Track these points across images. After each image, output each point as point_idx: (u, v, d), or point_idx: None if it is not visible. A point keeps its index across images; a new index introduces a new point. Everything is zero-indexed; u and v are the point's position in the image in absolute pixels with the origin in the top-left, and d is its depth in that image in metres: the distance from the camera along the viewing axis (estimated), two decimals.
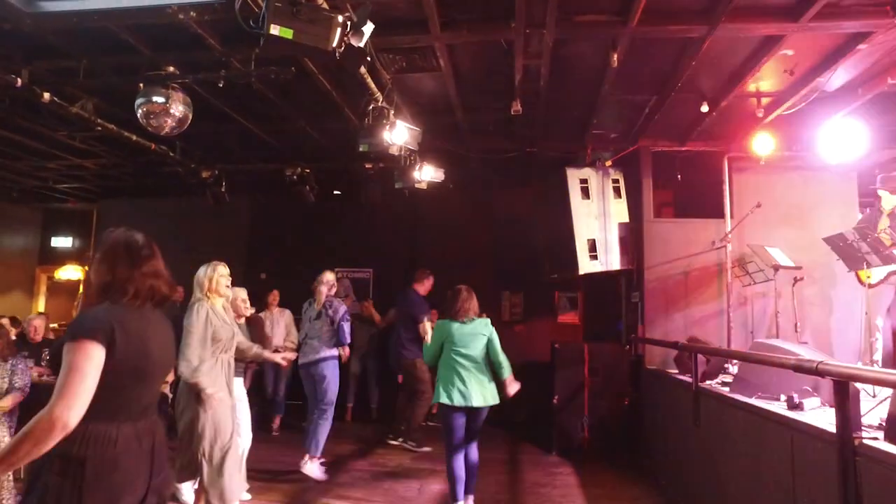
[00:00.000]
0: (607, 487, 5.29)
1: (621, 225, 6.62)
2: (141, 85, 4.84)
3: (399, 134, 4.91)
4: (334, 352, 5.51)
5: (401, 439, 6.59)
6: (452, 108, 5.93)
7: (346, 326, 5.60)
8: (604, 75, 5.04)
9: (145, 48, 4.67)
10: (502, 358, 4.53)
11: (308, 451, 5.26)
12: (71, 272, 11.12)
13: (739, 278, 6.16)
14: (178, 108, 4.83)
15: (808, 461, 3.02)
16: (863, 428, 2.76)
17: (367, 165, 6.67)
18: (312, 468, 5.24)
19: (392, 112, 5.13)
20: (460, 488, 4.31)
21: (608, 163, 6.64)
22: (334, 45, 3.13)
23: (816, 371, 2.79)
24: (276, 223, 9.43)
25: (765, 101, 5.55)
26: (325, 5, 3.25)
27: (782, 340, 4.81)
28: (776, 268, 5.82)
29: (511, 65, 4.93)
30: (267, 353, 4.43)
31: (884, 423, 2.79)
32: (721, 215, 6.42)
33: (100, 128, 5.63)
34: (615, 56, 4.51)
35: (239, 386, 4.37)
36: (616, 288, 8.03)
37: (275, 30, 2.99)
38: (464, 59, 5.06)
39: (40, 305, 10.76)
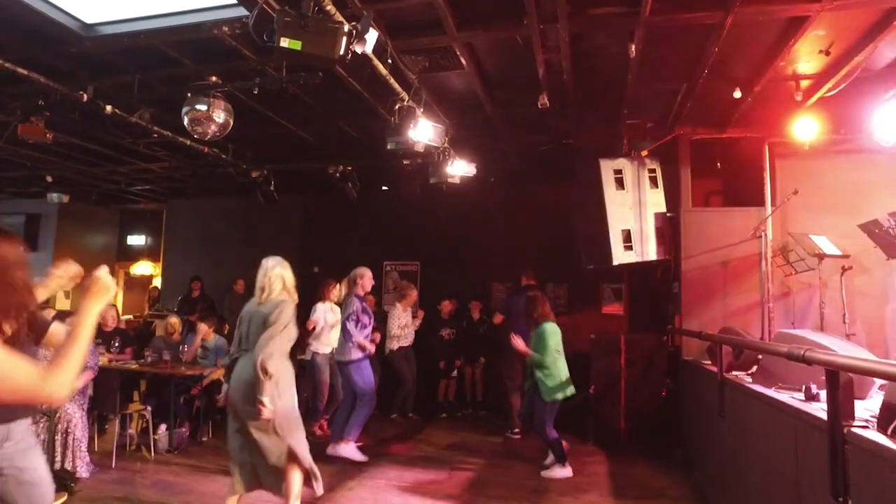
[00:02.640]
0: (636, 477, 5.32)
1: (658, 215, 6.55)
2: (188, 94, 5.27)
3: (423, 131, 5.10)
4: (358, 353, 5.65)
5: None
6: (482, 103, 6.05)
7: (350, 325, 5.63)
8: (628, 65, 5.02)
9: (189, 61, 5.07)
10: None
11: (344, 435, 5.55)
12: (144, 268, 12.03)
13: (781, 268, 5.98)
14: (219, 115, 5.21)
15: (809, 450, 3.00)
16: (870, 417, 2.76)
17: (405, 161, 6.90)
18: (348, 449, 5.54)
19: (420, 110, 5.32)
20: None
21: (644, 152, 6.56)
22: (340, 53, 3.35)
23: (804, 359, 2.77)
24: (326, 219, 9.85)
25: (803, 83, 5.35)
26: (337, 16, 3.48)
27: (812, 332, 4.68)
28: (820, 256, 5.60)
29: (532, 60, 5.01)
30: None
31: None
32: (760, 203, 6.23)
33: (156, 134, 6.13)
34: (633, 47, 4.51)
35: None
36: (659, 278, 7.93)
37: (284, 42, 3.24)
38: (486, 56, 5.17)
39: (118, 298, 11.71)
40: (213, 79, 5.23)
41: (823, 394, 3.51)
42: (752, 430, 3.92)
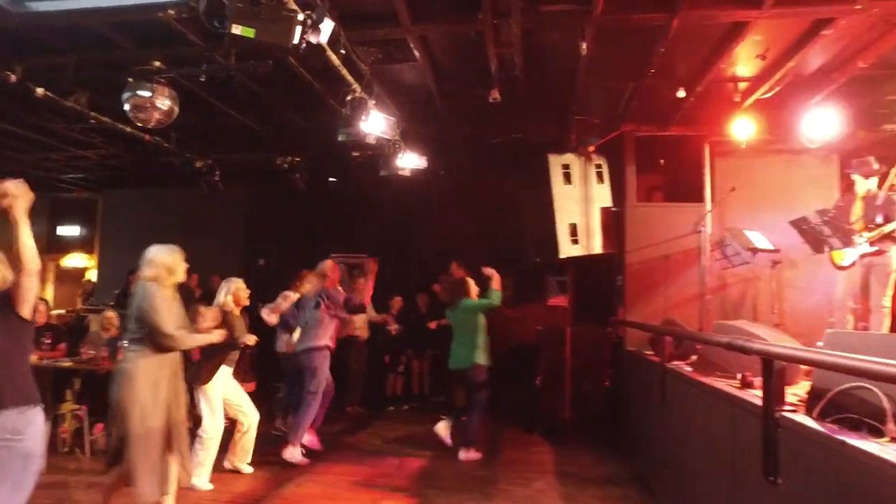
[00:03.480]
0: (581, 466, 5.48)
1: (603, 209, 6.74)
2: (129, 80, 5.05)
3: (375, 124, 5.06)
4: (322, 342, 5.60)
5: None
6: (433, 96, 6.05)
7: (321, 312, 5.62)
8: (578, 63, 5.13)
9: (130, 44, 4.86)
10: None
11: (289, 440, 5.45)
12: (77, 260, 11.45)
13: (718, 261, 6.26)
14: (163, 102, 5.02)
15: (745, 434, 3.17)
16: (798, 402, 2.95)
17: (355, 154, 6.83)
18: (294, 453, 5.44)
19: (372, 102, 5.27)
20: None
21: (591, 148, 6.73)
22: (295, 42, 3.28)
23: (743, 349, 2.93)
24: (272, 211, 9.64)
25: (741, 85, 5.62)
26: (290, 3, 3.41)
27: (747, 322, 4.93)
28: (754, 251, 5.91)
29: (485, 54, 5.05)
30: None
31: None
32: (700, 199, 6.51)
33: (93, 120, 5.85)
34: (584, 45, 4.62)
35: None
36: (603, 272, 8.16)
37: (237, 29, 3.15)
38: (439, 50, 5.18)
39: (48, 293, 11.10)
40: (157, 64, 5.02)
41: (756, 381, 3.74)
42: (692, 417, 4.11)
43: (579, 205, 6.65)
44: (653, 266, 6.56)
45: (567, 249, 6.53)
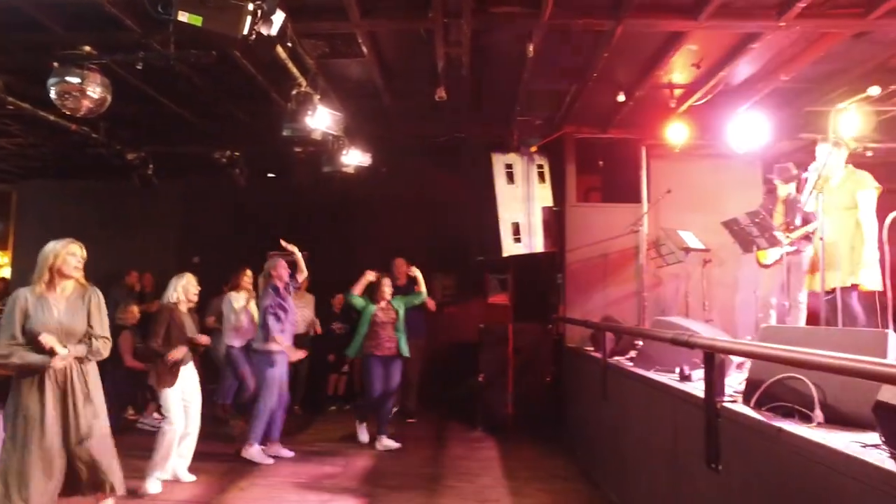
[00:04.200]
0: (526, 460, 5.59)
1: (545, 209, 6.90)
2: (55, 64, 4.73)
3: (321, 119, 4.98)
4: (276, 346, 5.44)
5: None
6: (379, 93, 6.01)
7: (270, 320, 5.41)
8: (524, 64, 5.21)
9: (57, 26, 4.57)
10: None
11: (249, 439, 5.31)
12: None
13: (654, 260, 6.54)
14: (95, 89, 4.71)
15: (686, 425, 3.33)
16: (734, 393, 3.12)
17: (297, 149, 6.69)
18: (251, 452, 5.29)
19: (317, 97, 5.17)
20: None
21: (533, 148, 6.88)
22: (244, 33, 3.18)
23: (688, 343, 3.07)
24: (208, 206, 9.28)
25: (677, 92, 5.89)
26: None
27: (681, 318, 5.18)
28: (686, 250, 6.21)
29: (433, 53, 5.06)
30: None
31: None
32: (637, 200, 6.77)
33: (11, 106, 5.45)
34: (531, 47, 4.70)
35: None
36: (543, 270, 8.35)
37: (183, 17, 3.02)
38: (387, 46, 5.15)
39: None
40: (87, 49, 4.73)
41: (694, 374, 3.93)
42: (633, 410, 4.27)
43: (522, 204, 6.78)
44: (592, 264, 6.77)
45: (510, 248, 6.64)
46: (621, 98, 5.77)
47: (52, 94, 4.70)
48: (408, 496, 4.55)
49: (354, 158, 6.18)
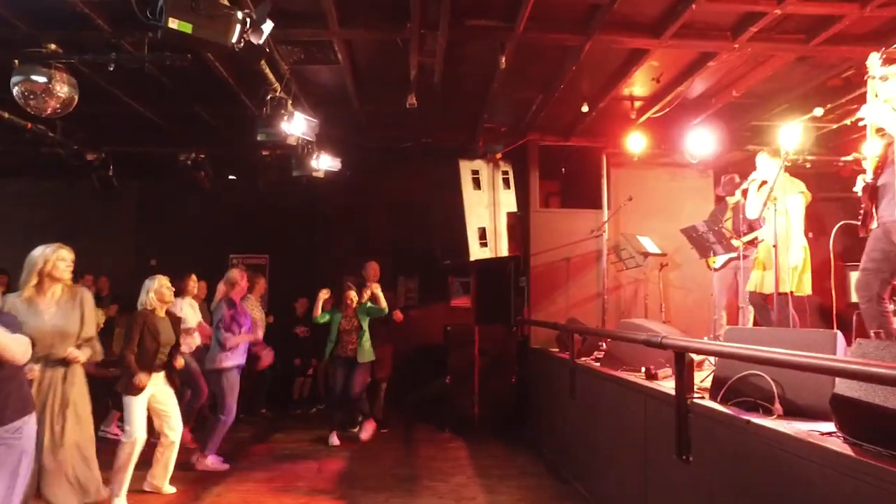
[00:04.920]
0: (496, 458, 5.74)
1: (510, 214, 7.10)
2: (16, 61, 4.59)
3: (297, 125, 5.00)
4: (229, 362, 5.33)
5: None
6: (350, 99, 6.07)
7: (221, 334, 5.33)
8: (494, 74, 5.38)
9: (22, 23, 4.44)
10: None
11: (205, 451, 5.23)
12: None
13: (614, 264, 6.82)
14: (62, 89, 4.62)
15: (657, 421, 3.55)
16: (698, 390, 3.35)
17: (264, 152, 6.65)
18: (207, 462, 5.22)
19: (290, 103, 5.20)
20: None
21: (498, 155, 7.06)
22: (234, 40, 3.21)
23: (661, 345, 3.29)
24: (165, 207, 9.06)
25: (637, 104, 6.17)
26: (224, 1, 3.31)
27: (646, 320, 5.44)
28: (645, 255, 6.51)
29: (407, 61, 5.17)
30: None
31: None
32: (598, 206, 7.05)
33: None
34: (503, 59, 4.86)
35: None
36: (506, 273, 8.56)
37: (173, 23, 3.03)
38: (362, 54, 5.22)
39: None
40: (52, 47, 4.61)
41: (660, 372, 4.16)
42: (603, 408, 4.48)
43: (488, 209, 6.96)
44: (555, 268, 7.00)
45: (476, 252, 6.80)
46: (585, 109, 6.01)
47: (16, 93, 4.58)
48: (385, 496, 4.63)
49: (325, 163, 6.20)
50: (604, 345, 5.94)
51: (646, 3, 4.20)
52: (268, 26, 3.29)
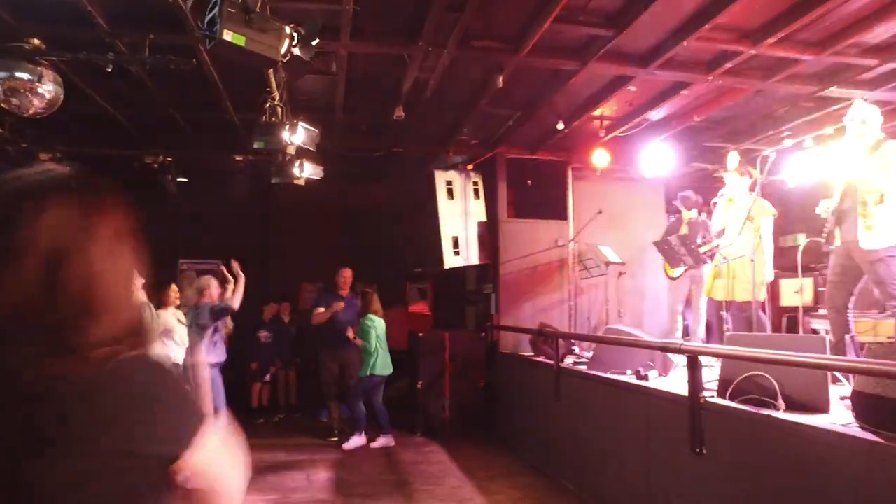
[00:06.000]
0: (478, 460, 5.95)
1: (480, 223, 7.35)
2: None
3: (299, 133, 4.99)
4: (213, 358, 5.31)
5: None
6: (334, 107, 6.09)
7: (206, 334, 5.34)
8: (483, 91, 5.60)
9: (6, 14, 4.17)
10: None
11: None
12: None
13: (579, 272, 7.25)
14: (48, 88, 4.37)
15: (662, 418, 3.90)
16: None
17: (238, 157, 6.52)
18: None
19: (284, 111, 5.18)
20: None
21: (470, 166, 7.30)
22: (282, 55, 3.24)
23: (680, 350, 3.64)
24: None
25: (606, 123, 6.61)
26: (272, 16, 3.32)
27: (626, 326, 5.87)
28: (607, 263, 6.97)
29: (401, 74, 5.29)
30: None
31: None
32: (563, 217, 7.46)
33: None
34: (500, 78, 5.10)
35: None
36: (464, 280, 8.81)
37: (228, 35, 3.02)
38: (358, 66, 5.28)
39: None
40: (36, 42, 4.35)
41: (649, 374, 4.53)
42: (594, 409, 4.80)
43: (460, 219, 7.17)
44: (523, 276, 7.32)
45: (450, 260, 7.00)
46: (561, 126, 6.36)
47: None
48: (387, 503, 4.72)
49: (308, 171, 6.16)
50: (577, 348, 6.34)
51: (640, 37, 4.58)
52: (316, 42, 3.34)
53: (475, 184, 7.32)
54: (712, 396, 3.58)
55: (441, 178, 7.06)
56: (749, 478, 3.15)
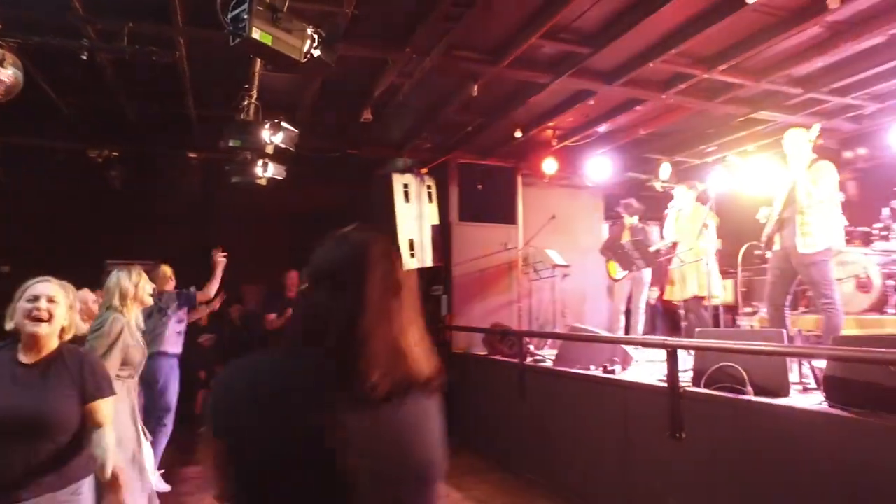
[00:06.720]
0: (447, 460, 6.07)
1: (434, 226, 7.49)
2: None
3: (279, 133, 4.91)
4: (176, 348, 5.19)
5: None
6: (299, 107, 6.01)
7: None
8: (451, 98, 5.77)
9: None
10: None
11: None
12: None
13: (526, 274, 7.58)
14: (8, 73, 4.04)
15: (639, 408, 4.24)
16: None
17: (191, 155, 6.25)
18: (156, 481, 4.87)
19: (254, 109, 5.09)
20: None
21: (424, 170, 7.44)
22: (303, 55, 3.25)
23: (663, 345, 3.99)
24: (26, 207, 7.85)
25: (559, 132, 6.99)
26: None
27: (582, 324, 6.23)
28: (554, 266, 7.36)
29: (375, 78, 5.35)
30: None
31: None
32: (512, 221, 7.78)
33: None
34: (475, 87, 5.29)
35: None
36: (426, 282, 8.91)
37: (256, 33, 3.00)
38: (338, 67, 5.25)
39: None
40: None
41: (617, 369, 4.88)
42: (563, 405, 5.08)
43: (416, 222, 7.28)
44: (475, 278, 7.56)
45: (408, 263, 7.08)
46: (518, 134, 6.66)
47: None
48: None
49: (270, 171, 6.02)
50: (531, 346, 6.64)
51: (609, 56, 4.94)
52: (338, 44, 3.37)
53: (429, 187, 7.45)
54: (688, 385, 3.97)
55: (399, 181, 7.13)
56: (729, 456, 3.53)
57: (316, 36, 3.29)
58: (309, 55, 3.28)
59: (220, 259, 5.42)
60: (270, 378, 1.10)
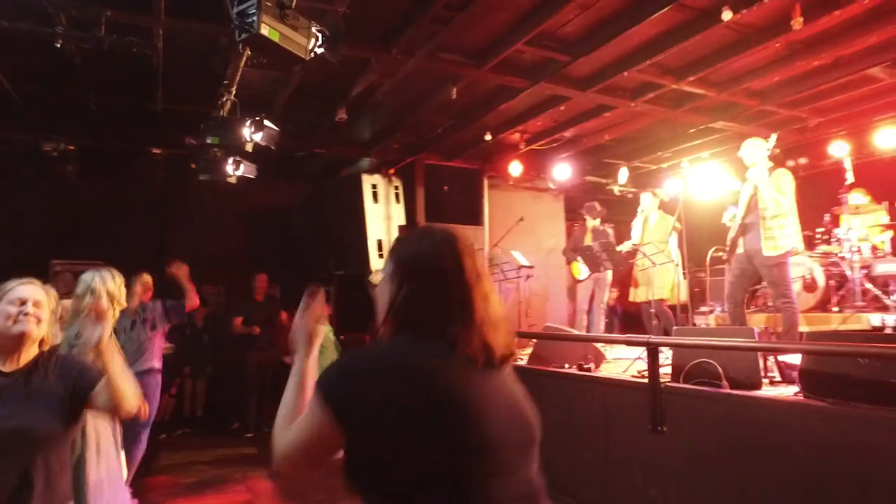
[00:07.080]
0: None
1: (401, 227, 7.49)
2: None
3: (261, 132, 4.81)
4: (156, 363, 4.94)
5: None
6: (273, 105, 5.89)
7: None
8: (430, 100, 5.80)
9: None
10: None
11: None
12: None
13: (494, 276, 7.69)
14: None
15: (620, 404, 4.41)
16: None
17: (156, 150, 6.01)
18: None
19: (231, 106, 4.96)
20: None
21: (391, 170, 7.43)
22: (307, 53, 3.22)
23: (647, 343, 4.17)
24: None
25: (526, 136, 7.13)
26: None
27: (556, 324, 6.39)
28: (519, 267, 7.51)
29: (353, 77, 5.32)
30: None
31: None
32: (478, 222, 7.88)
33: None
34: (455, 90, 5.35)
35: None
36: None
37: (265, 29, 2.96)
38: (314, 66, 5.19)
39: None
40: None
41: (592, 367, 5.06)
42: (538, 402, 5.17)
43: (384, 222, 7.26)
44: None
45: (376, 264, 7.06)
46: (488, 137, 6.76)
47: None
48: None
49: (242, 169, 5.87)
50: None
51: (586, 64, 5.11)
52: (342, 43, 3.35)
53: (396, 188, 7.46)
54: (668, 381, 4.16)
55: (368, 182, 7.10)
56: (709, 447, 3.74)
57: (320, 34, 3.26)
58: (313, 53, 3.25)
59: (180, 269, 5.19)
60: (411, 358, 1.20)
